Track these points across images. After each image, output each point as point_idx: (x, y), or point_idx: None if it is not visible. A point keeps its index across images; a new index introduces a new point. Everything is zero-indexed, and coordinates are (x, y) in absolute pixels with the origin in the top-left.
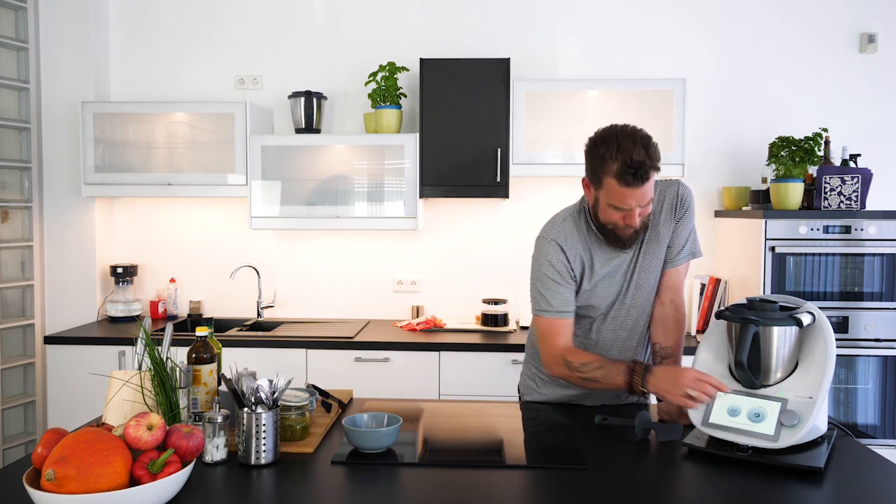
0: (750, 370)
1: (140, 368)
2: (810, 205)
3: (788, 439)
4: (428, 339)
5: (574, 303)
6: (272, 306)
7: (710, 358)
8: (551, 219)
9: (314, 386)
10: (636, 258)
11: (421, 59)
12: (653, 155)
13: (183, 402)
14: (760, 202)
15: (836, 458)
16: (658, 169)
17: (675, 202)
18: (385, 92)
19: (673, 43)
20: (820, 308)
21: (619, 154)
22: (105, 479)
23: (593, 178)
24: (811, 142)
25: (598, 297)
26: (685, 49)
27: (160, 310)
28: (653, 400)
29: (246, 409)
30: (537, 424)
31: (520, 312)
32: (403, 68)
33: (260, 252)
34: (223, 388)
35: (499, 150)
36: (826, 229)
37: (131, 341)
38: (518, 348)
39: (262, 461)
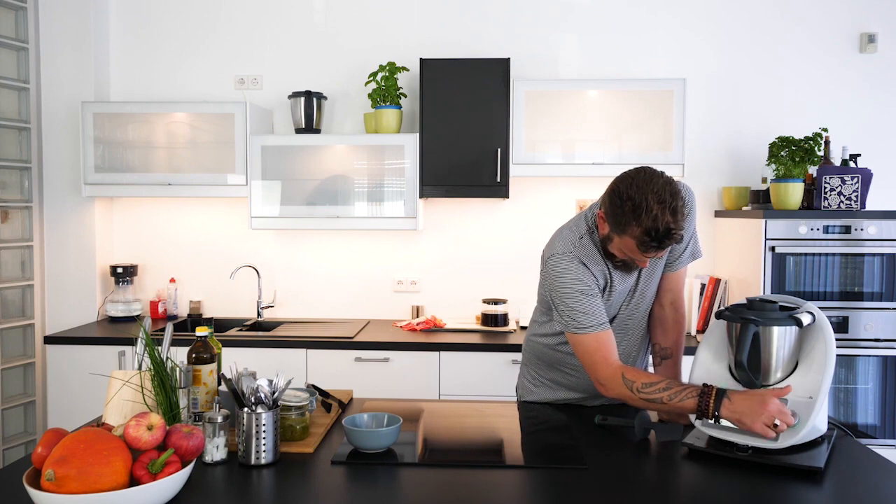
0: (750, 370)
1: (140, 368)
2: (810, 205)
3: (788, 439)
4: (428, 339)
5: (606, 314)
6: (272, 306)
7: (710, 358)
8: (561, 235)
9: (314, 386)
10: (641, 269)
11: (421, 59)
12: (678, 222)
13: (183, 402)
14: (760, 202)
15: (836, 458)
16: (682, 239)
17: None
18: (385, 92)
19: (673, 42)
20: (820, 308)
21: (646, 220)
22: (105, 479)
23: (613, 225)
24: (811, 142)
25: (610, 308)
26: (685, 49)
27: (160, 310)
28: None
29: (246, 409)
30: (537, 424)
31: (519, 312)
32: (403, 68)
33: (260, 252)
34: (223, 388)
35: (499, 150)
36: (826, 229)
37: (131, 341)
38: (518, 348)
39: (262, 461)
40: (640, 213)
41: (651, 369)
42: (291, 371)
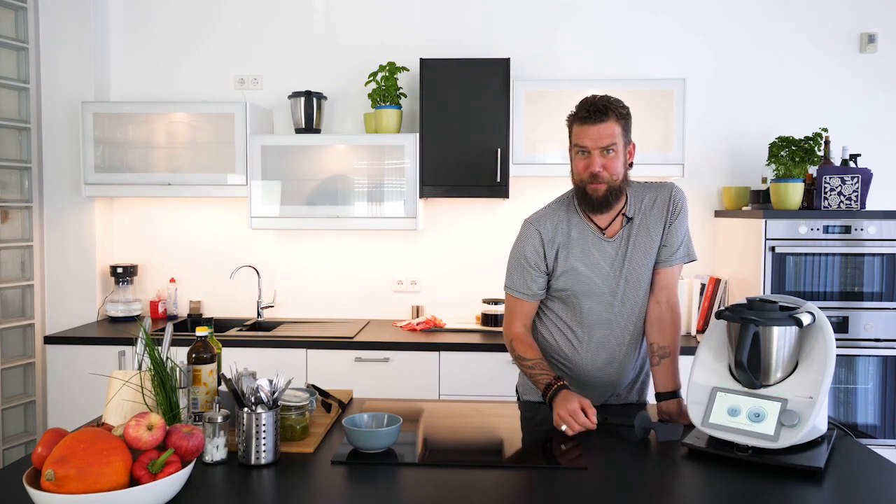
0: (750, 370)
1: (140, 368)
2: (810, 205)
3: (788, 439)
4: (428, 339)
5: (539, 290)
6: (272, 306)
7: (710, 358)
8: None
9: (314, 386)
10: (625, 249)
11: (421, 59)
12: (611, 98)
13: (183, 402)
14: (760, 202)
15: (836, 458)
16: (619, 115)
17: (668, 203)
18: (385, 92)
19: (673, 43)
20: (820, 308)
21: (581, 101)
22: (105, 479)
23: (569, 136)
24: (811, 142)
25: (581, 282)
26: (685, 49)
27: (160, 310)
28: (652, 400)
29: (246, 409)
30: (537, 424)
31: None
32: (403, 68)
33: (260, 252)
34: (223, 388)
35: (499, 150)
36: (826, 229)
37: (131, 341)
38: None
39: (262, 461)
40: (576, 105)
41: (651, 371)
42: (291, 371)
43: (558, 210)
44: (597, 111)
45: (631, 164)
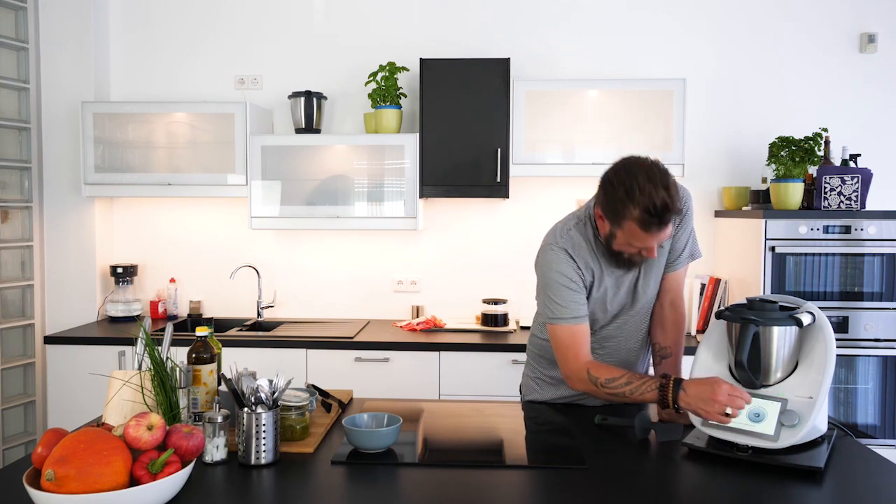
0: (750, 370)
1: (140, 368)
2: (810, 205)
3: (788, 439)
4: (428, 339)
5: (586, 308)
6: (272, 306)
7: (710, 358)
8: (553, 228)
9: (314, 386)
10: (641, 268)
11: (421, 59)
12: (674, 196)
13: (183, 402)
14: (760, 202)
15: (836, 458)
16: (680, 211)
17: None
18: (385, 92)
19: (673, 43)
20: (820, 308)
21: (641, 199)
22: (105, 479)
23: (611, 216)
24: (811, 142)
25: (605, 306)
26: (685, 49)
27: (160, 310)
28: None
29: (246, 409)
30: (537, 424)
31: (520, 312)
32: (403, 68)
33: (260, 252)
34: (223, 388)
35: (499, 150)
36: (826, 229)
37: (131, 341)
38: (518, 348)
39: (262, 461)
40: (634, 194)
41: (651, 369)
42: (291, 371)
43: (582, 239)
44: (661, 222)
45: None
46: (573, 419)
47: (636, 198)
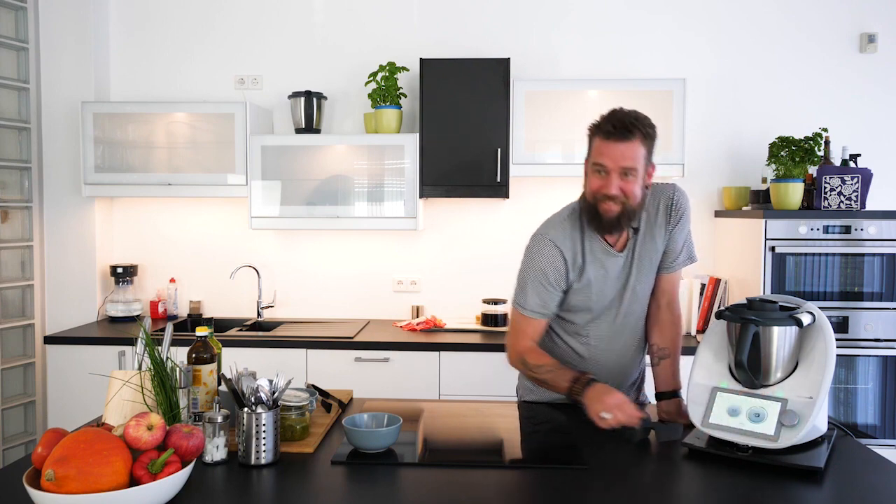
0: (750, 370)
1: (140, 368)
2: (810, 205)
3: (788, 439)
4: (428, 339)
5: (555, 309)
6: (272, 306)
7: (710, 358)
8: (550, 217)
9: (314, 386)
10: (631, 261)
11: (421, 59)
12: (640, 116)
13: (183, 402)
14: (760, 202)
15: (836, 458)
16: (646, 135)
17: (670, 207)
18: (385, 92)
19: (673, 43)
20: (820, 308)
21: (608, 114)
22: (105, 479)
23: (588, 145)
24: (811, 142)
25: (593, 297)
26: (685, 49)
27: (160, 310)
28: (652, 400)
29: (246, 409)
30: (537, 424)
31: None
32: (403, 68)
33: (260, 252)
34: (223, 388)
35: (499, 150)
36: (826, 229)
37: (131, 341)
38: None
39: (262, 461)
40: (604, 114)
41: (649, 369)
42: (291, 371)
43: (573, 228)
44: (623, 128)
45: (648, 187)
46: (573, 419)
47: (601, 118)
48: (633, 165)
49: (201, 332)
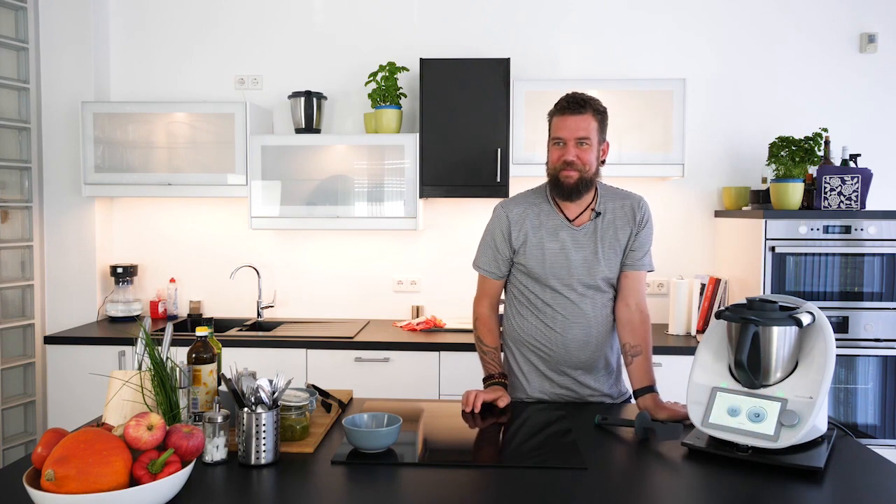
0: (750, 370)
1: (140, 368)
2: (810, 205)
3: (788, 439)
4: (428, 339)
5: (504, 270)
6: (272, 306)
7: (710, 358)
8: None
9: (314, 386)
10: (593, 239)
11: (421, 59)
12: (591, 97)
13: (183, 402)
14: (760, 202)
15: (836, 458)
16: (597, 110)
17: (637, 211)
18: (385, 92)
19: (673, 43)
20: (820, 308)
21: (563, 96)
22: (105, 479)
23: (548, 130)
24: (811, 142)
25: (546, 263)
26: (685, 49)
27: (160, 310)
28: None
29: (246, 409)
30: (537, 424)
31: None
32: (403, 68)
33: (260, 252)
34: (223, 388)
35: (499, 150)
36: (826, 229)
37: (131, 341)
38: None
39: (262, 461)
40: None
41: (624, 371)
42: (291, 371)
43: (529, 196)
44: (575, 104)
45: (603, 162)
46: (573, 419)
47: (559, 98)
48: (587, 135)
49: (201, 332)
